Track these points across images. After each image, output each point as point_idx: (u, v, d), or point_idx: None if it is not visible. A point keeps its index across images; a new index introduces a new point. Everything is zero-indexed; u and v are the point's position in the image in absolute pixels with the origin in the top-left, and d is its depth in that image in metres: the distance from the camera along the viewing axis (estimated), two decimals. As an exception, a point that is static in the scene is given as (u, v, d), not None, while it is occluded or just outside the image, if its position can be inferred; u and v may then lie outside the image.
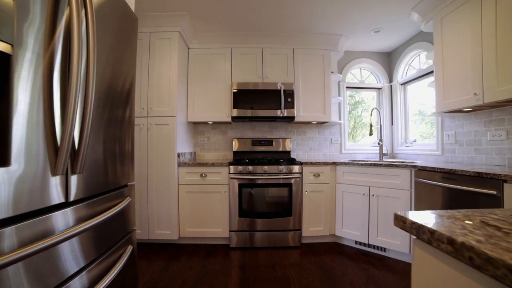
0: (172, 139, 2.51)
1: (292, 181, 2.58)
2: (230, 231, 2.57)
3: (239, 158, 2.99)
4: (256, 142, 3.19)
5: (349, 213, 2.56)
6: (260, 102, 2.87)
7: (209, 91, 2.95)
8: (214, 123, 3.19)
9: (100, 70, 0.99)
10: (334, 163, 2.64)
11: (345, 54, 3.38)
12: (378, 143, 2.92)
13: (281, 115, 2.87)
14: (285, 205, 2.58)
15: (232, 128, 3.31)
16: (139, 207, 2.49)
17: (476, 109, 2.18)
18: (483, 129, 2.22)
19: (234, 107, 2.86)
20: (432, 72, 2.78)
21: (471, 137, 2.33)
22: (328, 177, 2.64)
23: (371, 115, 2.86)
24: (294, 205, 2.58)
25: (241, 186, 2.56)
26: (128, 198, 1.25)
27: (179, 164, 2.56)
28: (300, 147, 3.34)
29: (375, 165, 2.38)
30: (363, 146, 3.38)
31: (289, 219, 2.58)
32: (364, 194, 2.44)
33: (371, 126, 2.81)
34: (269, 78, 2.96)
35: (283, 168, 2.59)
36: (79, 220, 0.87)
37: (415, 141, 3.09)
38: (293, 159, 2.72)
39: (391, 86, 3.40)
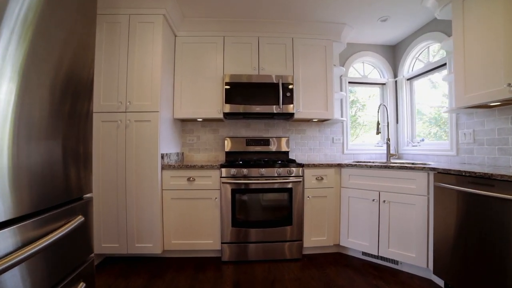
0: (154, 137, 2.14)
1: (293, 185, 2.25)
2: (222, 242, 2.21)
3: (232, 159, 2.64)
4: (251, 141, 2.84)
5: (356, 221, 2.25)
6: (255, 97, 2.53)
7: (198, 85, 2.59)
8: (204, 120, 2.83)
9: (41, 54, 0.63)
10: (339, 165, 2.32)
11: (347, 46, 3.07)
12: (386, 143, 2.62)
13: (279, 112, 2.53)
14: (285, 212, 2.25)
15: (224, 126, 2.95)
16: (116, 217, 2.11)
17: (504, 103, 1.90)
18: (510, 127, 1.94)
19: (226, 102, 2.51)
20: (444, 65, 2.51)
21: (493, 135, 2.05)
22: (332, 181, 2.32)
23: (378, 111, 2.56)
24: (294, 213, 2.25)
25: (234, 192, 2.21)
26: (79, 217, 0.89)
27: (163, 167, 2.19)
28: (299, 147, 3.01)
29: (386, 167, 2.08)
30: (367, 146, 3.08)
31: (289, 229, 2.25)
32: (373, 200, 2.13)
33: (378, 123, 2.51)
34: (265, 70, 2.62)
35: (282, 170, 2.25)
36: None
37: (422, 140, 2.81)
38: (293, 161, 2.39)
39: (396, 81, 3.11)
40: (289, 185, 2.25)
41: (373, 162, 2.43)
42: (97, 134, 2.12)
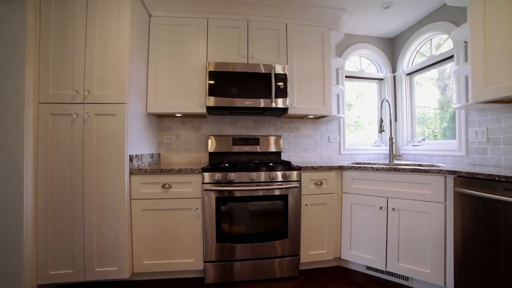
0: (121, 135, 1.71)
1: (289, 191, 1.90)
2: (205, 261, 1.82)
3: (216, 161, 2.25)
4: (238, 140, 2.46)
5: (360, 232, 1.93)
6: (244, 89, 2.15)
7: (177, 74, 2.17)
8: (185, 116, 2.41)
9: None
10: (341, 168, 2.00)
11: (344, 37, 2.78)
12: (389, 142, 2.33)
13: (271, 106, 2.17)
14: (279, 224, 1.89)
15: (208, 122, 2.55)
16: (70, 236, 1.66)
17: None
18: (530, 124, 1.70)
19: (210, 95, 2.11)
20: (450, 57, 2.27)
21: None
22: (333, 186, 2.00)
23: (381, 107, 2.28)
24: (290, 224, 1.90)
25: (219, 201, 1.83)
26: None
27: (132, 171, 1.76)
28: (292, 146, 2.67)
29: (396, 169, 1.78)
30: (365, 146, 2.81)
31: (284, 242, 1.89)
32: (381, 207, 1.82)
33: (381, 121, 2.22)
34: (255, 58, 2.25)
35: (276, 174, 1.89)
36: None
37: (424, 139, 2.57)
38: (288, 163, 2.04)
39: (394, 76, 2.86)
40: (285, 192, 1.89)
41: (379, 164, 2.14)
42: (44, 130, 1.65)
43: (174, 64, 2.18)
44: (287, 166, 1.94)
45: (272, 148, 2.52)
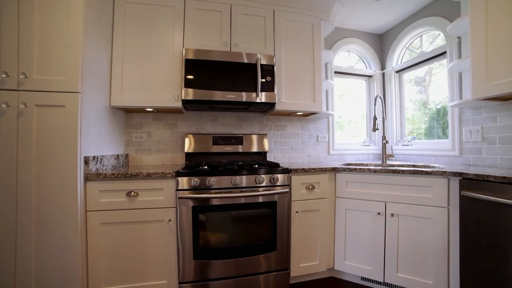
0: (72, 132, 1.35)
1: (277, 197, 1.65)
2: (180, 283, 1.52)
3: (194, 163, 1.95)
4: (219, 139, 2.17)
5: (355, 240, 1.74)
6: (226, 81, 1.87)
7: (148, 61, 1.83)
8: (157, 110, 2.07)
9: None
10: (334, 170, 1.79)
11: (334, 31, 2.60)
12: (382, 141, 2.17)
13: (256, 101, 1.91)
14: (266, 234, 1.64)
15: (185, 119, 2.23)
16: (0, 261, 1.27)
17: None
18: (529, 122, 1.61)
19: (186, 86, 1.81)
20: (442, 54, 2.16)
21: (509, 133, 1.71)
22: (326, 190, 1.79)
23: (375, 104, 2.11)
24: (279, 234, 1.65)
25: (197, 210, 1.53)
26: None
27: (88, 177, 1.41)
28: (278, 146, 2.43)
29: (394, 171, 1.60)
30: (354, 146, 2.64)
31: (273, 256, 1.64)
32: (379, 213, 1.64)
33: (375, 118, 2.05)
34: (239, 47, 1.98)
35: (263, 178, 1.63)
36: None
37: (414, 138, 2.46)
38: (276, 165, 1.80)
39: (383, 73, 2.73)
40: (273, 198, 1.64)
41: (375, 165, 1.96)
42: (-37, 125, 1.25)
43: (144, 50, 1.84)
44: (276, 168, 1.69)
45: (257, 148, 2.26)
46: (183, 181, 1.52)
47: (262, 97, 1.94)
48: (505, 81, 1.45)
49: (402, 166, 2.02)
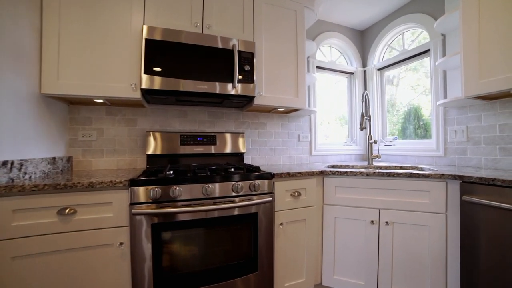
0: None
1: (258, 208, 1.37)
2: (134, 323, 1.16)
3: (156, 168, 1.59)
4: (188, 139, 1.84)
5: (346, 252, 1.54)
6: (197, 69, 1.55)
7: (97, 38, 1.43)
8: (111, 103, 1.67)
9: None
10: (322, 173, 1.57)
11: (316, 23, 2.40)
12: (371, 141, 2.01)
13: (233, 93, 1.62)
14: (246, 253, 1.35)
15: (147, 114, 1.85)
16: None
17: (502, 95, 1.51)
18: (515, 122, 1.55)
19: (147, 73, 1.45)
20: (425, 52, 2.07)
21: (494, 133, 1.65)
22: (313, 196, 1.56)
23: (362, 101, 1.94)
24: (261, 252, 1.38)
25: (158, 229, 1.19)
26: None
27: (-4, 190, 0.98)
28: (256, 146, 2.16)
29: (389, 175, 1.42)
30: (335, 146, 2.48)
31: (253, 278, 1.36)
32: (372, 221, 1.45)
33: (362, 116, 1.88)
34: (213, 29, 1.67)
35: (242, 186, 1.34)
36: None
37: (396, 139, 2.36)
38: (257, 169, 1.52)
39: (365, 71, 2.61)
40: (254, 209, 1.36)
41: (367, 168, 1.79)
42: None
43: (91, 23, 1.43)
44: (256, 173, 1.41)
45: (233, 149, 1.96)
46: (140, 192, 1.17)
47: (239, 89, 1.65)
48: (499, 78, 1.35)
49: (390, 167, 1.88)
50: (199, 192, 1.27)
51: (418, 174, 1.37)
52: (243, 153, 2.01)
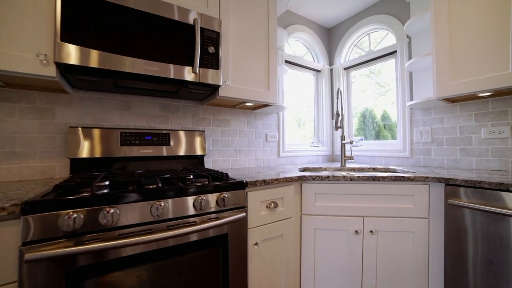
0: None
1: (229, 228, 1.05)
2: None
3: (82, 178, 1.13)
4: (132, 137, 1.40)
5: (327, 267, 1.34)
6: (145, 44, 1.15)
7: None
8: (5, 82, 1.13)
9: None
10: (301, 179, 1.34)
11: (284, 15, 2.19)
12: (347, 141, 1.88)
13: (194, 80, 1.27)
14: (214, 286, 1.02)
15: (71, 103, 1.34)
16: None
17: (464, 98, 1.54)
18: (474, 124, 1.60)
19: (66, 40, 0.99)
20: (391, 53, 2.06)
21: (455, 134, 1.68)
22: (291, 206, 1.31)
23: (337, 98, 1.79)
24: (233, 281, 1.07)
25: (78, 278, 0.76)
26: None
27: None
28: (219, 147, 1.83)
29: (374, 179, 1.28)
30: (303, 147, 2.31)
31: (222, 318, 1.04)
32: (356, 231, 1.28)
33: (337, 115, 1.73)
34: (167, -4, 1.28)
35: (207, 200, 1.01)
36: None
37: (362, 139, 2.32)
38: (224, 176, 1.20)
39: (331, 69, 2.52)
40: (223, 230, 1.04)
41: (335, 169, 1.62)
42: None
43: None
44: (226, 182, 1.09)
45: (191, 150, 1.59)
46: (43, 223, 0.73)
47: (200, 75, 1.30)
48: (472, 79, 1.33)
49: (364, 169, 1.78)
50: (146, 213, 0.88)
51: (403, 177, 1.25)
52: (204, 155, 1.66)
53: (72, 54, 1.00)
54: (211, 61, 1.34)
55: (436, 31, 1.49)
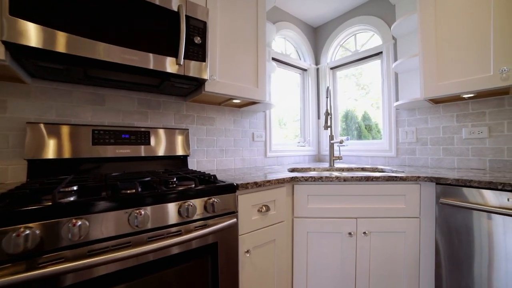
0: None
1: (219, 236, 0.95)
2: None
3: (42, 183, 0.96)
4: (107, 136, 1.24)
5: (320, 271, 1.28)
6: (123, 29, 1.00)
7: None
8: None
9: None
10: (293, 180, 1.27)
11: (273, 9, 2.12)
12: (336, 141, 1.84)
13: (176, 72, 1.14)
14: (201, 302, 0.91)
15: (29, 95, 1.15)
16: None
17: (447, 99, 1.58)
18: (456, 125, 1.64)
19: (16, 14, 0.82)
20: (377, 54, 2.07)
21: (438, 134, 1.72)
22: (283, 210, 1.24)
23: (327, 97, 1.75)
24: (222, 295, 0.96)
25: (36, 303, 0.62)
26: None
27: None
28: (203, 147, 1.71)
29: (367, 179, 1.24)
30: (289, 147, 2.25)
31: (211, 336, 0.93)
32: (350, 233, 1.23)
33: (327, 113, 1.69)
34: (147, -22, 1.14)
35: (194, 206, 0.89)
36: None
37: (348, 139, 2.32)
38: (212, 178, 1.09)
39: (318, 69, 2.49)
40: (212, 238, 0.93)
41: (324, 169, 1.58)
42: None
43: None
44: (214, 185, 0.98)
45: (173, 150, 1.45)
46: (-11, 238, 0.58)
47: (186, 68, 1.18)
48: (457, 81, 1.35)
49: (352, 169, 1.76)
50: (123, 224, 0.75)
51: (395, 177, 1.23)
52: (187, 155, 1.53)
53: (27, 33, 0.83)
54: (197, 52, 1.22)
55: (422, 33, 1.50)
